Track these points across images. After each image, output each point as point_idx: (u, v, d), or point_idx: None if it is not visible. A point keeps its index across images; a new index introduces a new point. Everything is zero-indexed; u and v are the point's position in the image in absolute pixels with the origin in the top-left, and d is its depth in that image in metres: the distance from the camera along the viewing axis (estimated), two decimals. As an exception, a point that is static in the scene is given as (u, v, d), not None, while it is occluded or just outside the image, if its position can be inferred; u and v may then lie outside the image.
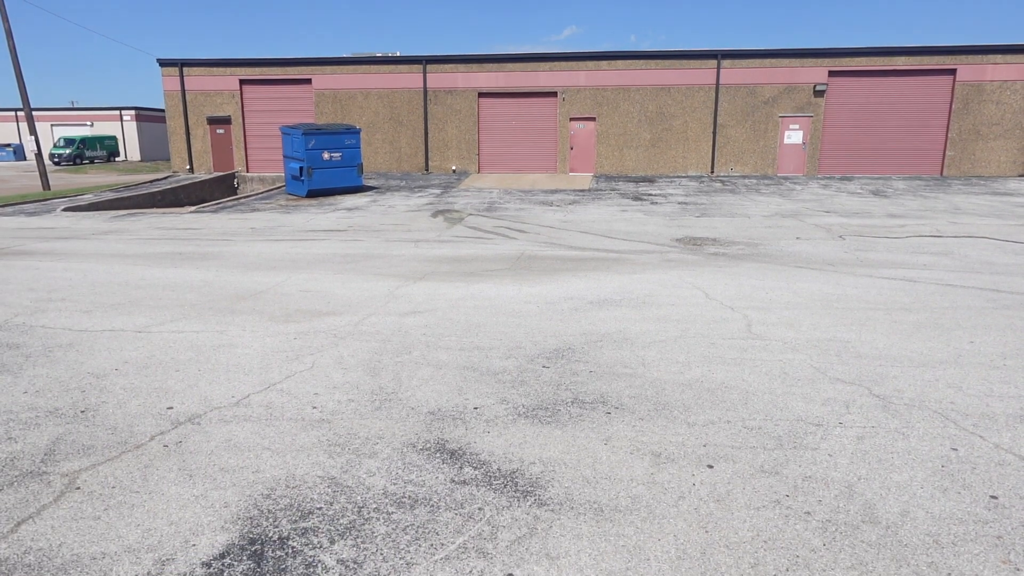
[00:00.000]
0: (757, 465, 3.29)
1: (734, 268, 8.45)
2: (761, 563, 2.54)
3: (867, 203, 16.56)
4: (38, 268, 8.74)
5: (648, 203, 17.11)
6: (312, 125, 20.30)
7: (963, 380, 4.42)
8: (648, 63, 25.31)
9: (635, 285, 7.43)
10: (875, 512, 2.87)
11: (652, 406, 4.04)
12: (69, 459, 3.41)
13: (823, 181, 22.85)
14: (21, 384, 4.47)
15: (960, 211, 14.69)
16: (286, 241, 11.44)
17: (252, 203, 18.94)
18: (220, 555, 2.61)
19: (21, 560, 2.59)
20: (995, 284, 7.32)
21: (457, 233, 12.30)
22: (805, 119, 25.08)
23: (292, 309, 6.48)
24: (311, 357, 4.99)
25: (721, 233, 11.83)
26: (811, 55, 24.64)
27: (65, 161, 42.57)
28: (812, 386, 4.33)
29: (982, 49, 23.81)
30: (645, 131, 25.66)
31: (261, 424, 3.82)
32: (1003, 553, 2.59)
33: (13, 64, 21.48)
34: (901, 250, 9.79)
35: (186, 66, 27.57)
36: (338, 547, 2.67)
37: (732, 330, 5.62)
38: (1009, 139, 24.27)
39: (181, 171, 28.38)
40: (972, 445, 3.49)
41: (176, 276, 8.17)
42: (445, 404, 4.09)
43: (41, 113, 47.17)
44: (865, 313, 6.14)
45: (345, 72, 26.87)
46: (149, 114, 51.62)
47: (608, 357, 4.93)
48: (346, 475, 3.23)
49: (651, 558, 2.59)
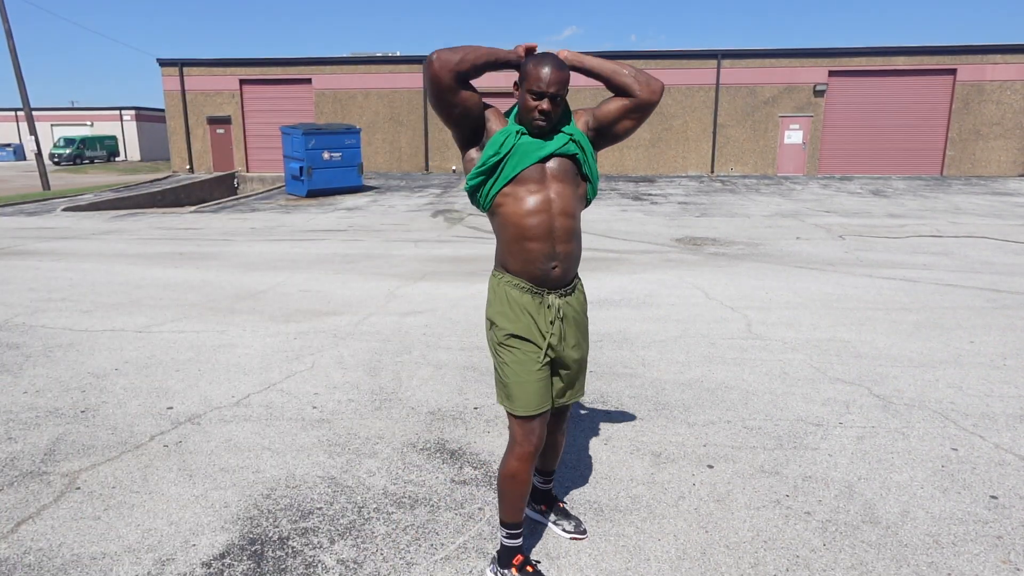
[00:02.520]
0: (757, 465, 3.30)
1: (734, 268, 8.45)
2: (761, 563, 2.54)
3: (867, 203, 16.56)
4: (38, 268, 8.74)
5: (648, 203, 17.11)
6: (312, 125, 20.29)
7: (963, 380, 4.42)
8: (648, 63, 25.29)
9: (635, 285, 7.43)
10: (875, 512, 2.87)
11: (652, 406, 4.04)
12: (69, 459, 3.41)
13: (823, 181, 22.85)
14: (21, 384, 4.47)
15: (960, 211, 14.70)
16: (286, 241, 11.45)
17: (252, 203, 18.94)
18: (220, 555, 2.61)
19: (21, 560, 2.59)
20: (995, 284, 7.32)
21: (457, 233, 12.30)
22: (805, 119, 25.08)
23: (292, 309, 6.48)
24: (311, 357, 4.99)
25: (721, 233, 11.83)
26: (811, 55, 24.64)
27: (65, 161, 42.56)
28: (812, 386, 4.33)
29: (982, 49, 23.80)
30: (645, 131, 25.65)
31: (261, 424, 3.82)
32: (1003, 553, 2.59)
33: (13, 64, 21.49)
34: (901, 250, 9.79)
35: (186, 66, 27.57)
36: (338, 547, 2.67)
37: (732, 330, 5.62)
38: (1009, 139, 24.27)
39: (181, 171, 28.38)
40: (972, 445, 3.49)
41: (176, 276, 8.17)
42: (445, 404, 4.09)
43: (41, 113, 47.19)
44: (865, 313, 6.14)
45: (345, 72, 26.86)
46: (149, 114, 51.62)
47: (608, 357, 4.93)
48: (346, 475, 3.24)
49: (651, 558, 2.59)
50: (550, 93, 2.15)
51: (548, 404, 2.33)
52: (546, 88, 2.15)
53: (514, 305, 2.30)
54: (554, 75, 2.15)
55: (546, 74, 2.14)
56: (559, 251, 2.25)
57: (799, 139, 25.26)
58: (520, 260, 2.26)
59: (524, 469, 2.30)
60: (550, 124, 2.21)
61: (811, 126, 25.03)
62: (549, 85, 2.15)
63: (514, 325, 2.30)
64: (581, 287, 2.45)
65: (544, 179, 2.24)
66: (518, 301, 2.29)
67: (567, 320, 2.35)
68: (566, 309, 2.34)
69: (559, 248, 2.25)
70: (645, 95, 2.29)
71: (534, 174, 2.23)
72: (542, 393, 2.30)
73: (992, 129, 24.21)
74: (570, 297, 2.36)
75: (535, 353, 2.29)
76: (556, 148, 2.25)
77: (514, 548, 2.43)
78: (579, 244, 2.34)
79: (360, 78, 26.81)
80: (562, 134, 2.28)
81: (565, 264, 2.28)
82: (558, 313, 2.31)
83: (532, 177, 2.23)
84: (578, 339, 2.41)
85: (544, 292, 2.29)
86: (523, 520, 2.42)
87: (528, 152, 2.23)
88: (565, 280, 2.32)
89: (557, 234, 2.23)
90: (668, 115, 25.50)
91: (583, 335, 2.45)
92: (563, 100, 2.23)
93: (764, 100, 25.06)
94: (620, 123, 2.35)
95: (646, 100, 2.29)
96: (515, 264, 2.28)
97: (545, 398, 2.31)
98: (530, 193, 2.23)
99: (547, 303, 2.29)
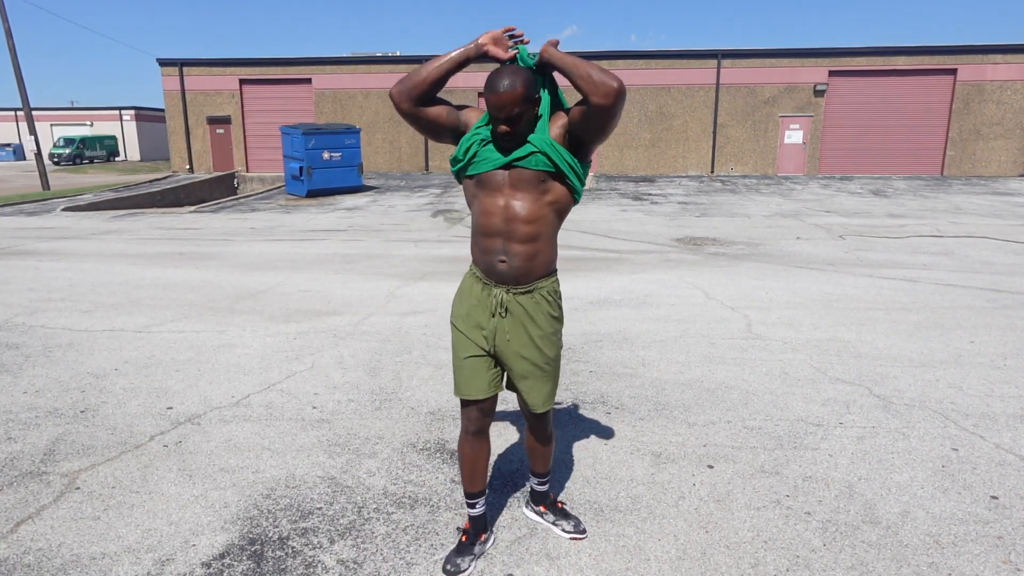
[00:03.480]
0: (757, 465, 3.29)
1: (734, 268, 8.45)
2: (761, 563, 2.54)
3: (867, 203, 16.56)
4: (38, 268, 8.74)
5: (648, 203, 17.11)
6: (312, 125, 20.28)
7: (963, 380, 4.42)
8: (648, 63, 25.30)
9: (635, 285, 7.43)
10: (875, 512, 2.87)
11: (652, 406, 4.03)
12: (69, 459, 3.41)
13: (823, 181, 22.85)
14: (21, 384, 4.47)
15: (960, 211, 14.69)
16: (286, 241, 11.44)
17: (252, 203, 18.94)
18: (220, 555, 2.61)
19: (20, 560, 2.59)
20: (995, 284, 7.32)
21: (457, 233, 12.30)
22: (805, 119, 25.08)
23: (292, 309, 6.48)
24: (311, 357, 4.99)
25: (721, 233, 11.83)
26: (811, 55, 24.63)
27: (65, 161, 42.54)
28: (812, 386, 4.33)
29: (982, 49, 23.80)
30: (645, 131, 25.65)
31: (261, 424, 3.82)
32: (1003, 553, 2.58)
33: (13, 64, 21.48)
34: (901, 250, 9.79)
35: (186, 66, 27.56)
36: (338, 547, 2.66)
37: (732, 330, 5.62)
38: (1010, 139, 24.26)
39: (181, 171, 28.37)
40: (972, 445, 3.49)
41: (176, 276, 8.17)
42: (445, 404, 4.09)
43: (41, 113, 47.16)
44: (865, 313, 6.14)
45: (345, 72, 26.85)
46: (149, 114, 51.59)
47: (608, 357, 4.93)
48: (346, 475, 3.23)
49: (651, 558, 2.59)
50: (502, 119, 2.16)
51: (481, 394, 2.42)
52: (498, 114, 2.16)
53: (465, 292, 2.44)
54: (505, 98, 2.12)
55: (494, 102, 2.14)
56: (510, 249, 2.29)
57: (799, 139, 25.25)
58: (477, 250, 2.37)
59: (464, 448, 2.53)
60: (514, 140, 2.22)
61: (811, 126, 25.03)
62: (500, 111, 2.15)
63: (458, 309, 2.46)
64: (548, 296, 2.40)
65: (503, 186, 2.28)
66: (470, 289, 2.43)
67: (513, 318, 2.37)
68: (513, 307, 2.35)
69: (511, 247, 2.29)
70: (596, 99, 2.08)
71: (494, 179, 2.28)
72: (473, 381, 2.41)
73: (992, 129, 24.20)
74: (523, 297, 2.35)
75: (466, 340, 2.41)
76: (515, 159, 2.24)
77: (471, 517, 2.62)
78: (543, 249, 2.33)
79: (360, 78, 26.80)
80: (528, 144, 2.24)
81: (515, 263, 2.30)
82: (499, 306, 2.35)
83: (491, 183, 2.29)
84: (526, 343, 2.39)
85: (492, 284, 2.36)
86: (477, 492, 2.58)
87: (487, 159, 2.29)
88: (516, 278, 2.33)
89: (512, 235, 2.28)
90: (668, 115, 25.50)
91: (537, 342, 2.40)
92: (522, 115, 2.17)
93: (764, 100, 25.05)
94: (585, 127, 2.20)
95: (598, 104, 2.08)
96: (475, 253, 2.39)
97: (476, 386, 2.41)
98: (489, 196, 2.30)
99: (493, 295, 2.36)
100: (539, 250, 2.32)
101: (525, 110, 2.17)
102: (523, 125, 2.20)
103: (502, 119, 2.17)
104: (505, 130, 2.18)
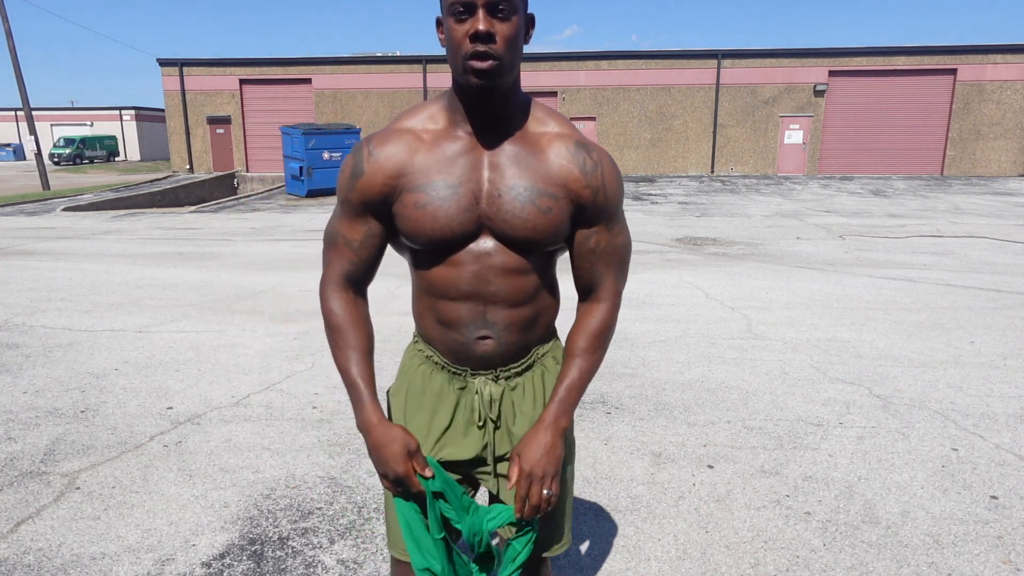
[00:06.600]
0: (757, 465, 3.29)
1: (734, 268, 8.45)
2: (761, 563, 2.54)
3: (867, 203, 16.56)
4: (38, 268, 8.74)
5: (648, 203, 17.11)
6: (312, 125, 20.31)
7: (963, 380, 4.42)
8: (648, 63, 25.32)
9: (635, 285, 7.43)
10: (875, 512, 2.87)
11: (652, 406, 4.03)
12: (69, 459, 3.41)
13: (823, 181, 22.86)
14: (21, 384, 4.47)
15: (960, 211, 14.69)
16: (286, 241, 11.45)
17: (252, 203, 18.95)
18: (220, 555, 2.61)
19: (21, 560, 2.59)
20: (995, 284, 7.32)
21: (457, 233, 12.29)
22: (805, 119, 25.09)
23: (292, 309, 6.48)
24: (311, 357, 4.99)
25: (721, 233, 11.83)
26: (811, 55, 24.65)
27: (65, 161, 42.56)
28: (812, 386, 4.33)
29: (982, 49, 23.81)
30: (645, 131, 25.66)
31: (261, 424, 3.82)
32: (1003, 553, 2.58)
33: (13, 64, 21.48)
34: (901, 250, 9.79)
35: (186, 66, 27.57)
36: (338, 547, 2.66)
37: (732, 330, 5.62)
38: (1009, 139, 24.28)
39: (181, 171, 28.38)
40: (972, 445, 3.49)
41: (176, 276, 8.17)
42: (445, 404, 4.09)
43: (41, 113, 47.18)
44: (865, 313, 6.14)
45: (345, 72, 26.87)
46: (149, 114, 51.63)
47: (608, 356, 4.93)
48: (346, 475, 3.23)
49: (651, 558, 2.59)
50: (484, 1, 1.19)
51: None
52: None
53: (417, 386, 1.48)
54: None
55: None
56: (494, 318, 1.38)
57: (799, 139, 25.26)
58: (432, 323, 1.42)
59: None
60: (499, 71, 1.22)
61: (811, 126, 25.04)
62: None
63: (405, 418, 1.48)
64: (550, 366, 1.50)
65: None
66: (426, 382, 1.47)
67: (514, 420, 1.46)
68: (508, 407, 1.46)
69: (495, 314, 1.38)
70: None
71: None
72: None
73: (992, 129, 24.22)
74: (520, 379, 1.46)
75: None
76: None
77: None
78: (545, 307, 1.46)
79: (360, 78, 26.81)
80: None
81: (505, 338, 1.40)
82: (490, 410, 1.44)
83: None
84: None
85: (466, 373, 1.43)
86: None
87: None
88: (506, 357, 1.42)
89: (495, 297, 1.36)
90: (668, 115, 25.51)
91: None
92: (512, 12, 1.21)
93: (764, 100, 25.06)
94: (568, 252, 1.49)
95: None
96: (427, 326, 1.44)
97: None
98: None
99: (473, 390, 1.44)
100: (539, 310, 1.44)
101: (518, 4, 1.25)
102: (510, 40, 1.23)
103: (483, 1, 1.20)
104: (483, 29, 1.19)
